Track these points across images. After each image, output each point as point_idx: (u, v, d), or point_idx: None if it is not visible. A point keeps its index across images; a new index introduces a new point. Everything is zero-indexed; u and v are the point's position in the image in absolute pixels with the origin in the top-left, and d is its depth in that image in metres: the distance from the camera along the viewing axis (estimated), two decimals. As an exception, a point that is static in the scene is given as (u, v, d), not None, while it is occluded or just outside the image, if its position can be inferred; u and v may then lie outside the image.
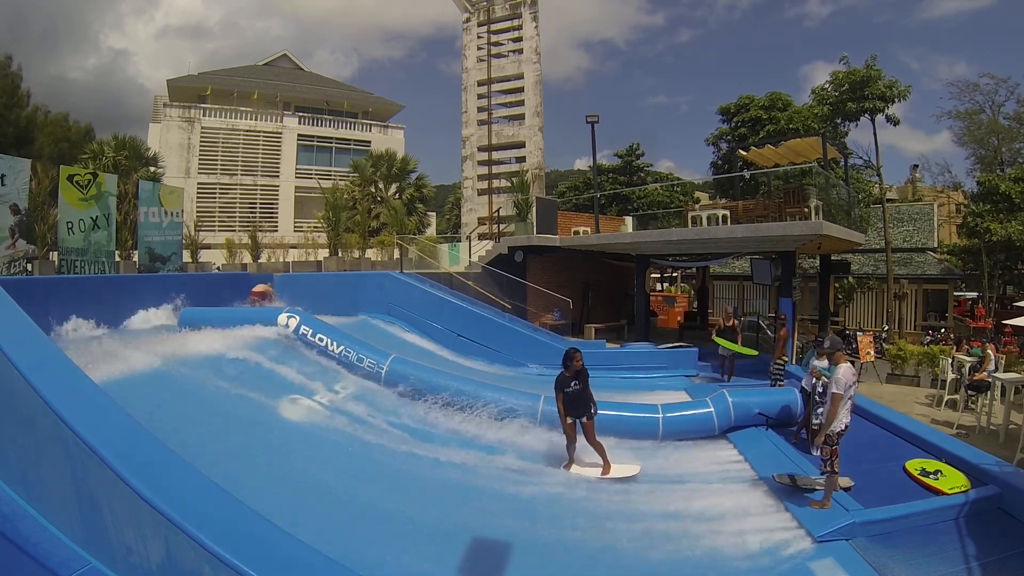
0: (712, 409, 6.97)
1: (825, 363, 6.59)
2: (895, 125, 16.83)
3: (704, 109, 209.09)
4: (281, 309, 8.84)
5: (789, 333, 9.30)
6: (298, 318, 8.50)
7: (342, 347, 8.16)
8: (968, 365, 9.81)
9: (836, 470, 4.84)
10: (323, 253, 18.77)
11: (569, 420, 5.85)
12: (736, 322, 9.42)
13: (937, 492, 5.11)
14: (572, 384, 5.82)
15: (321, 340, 8.28)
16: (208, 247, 20.64)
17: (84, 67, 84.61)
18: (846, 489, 5.12)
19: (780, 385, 8.52)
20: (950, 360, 10.45)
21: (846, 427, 5.01)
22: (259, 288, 10.76)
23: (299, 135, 29.43)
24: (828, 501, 4.84)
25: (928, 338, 15.00)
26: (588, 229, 15.23)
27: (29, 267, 10.29)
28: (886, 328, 16.55)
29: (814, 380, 6.32)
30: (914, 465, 5.60)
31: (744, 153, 14.57)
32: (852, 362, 11.97)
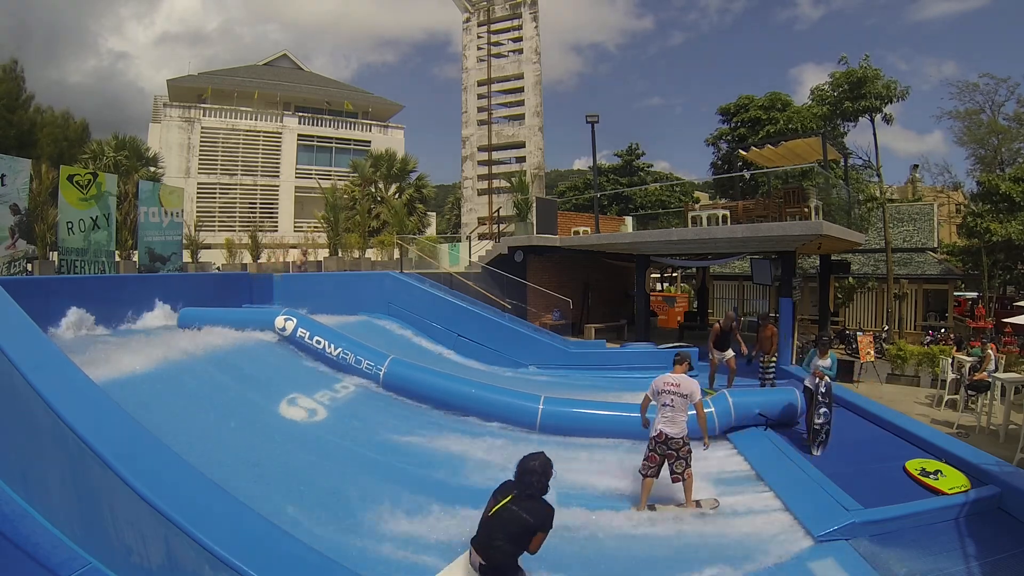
0: (712, 409, 6.96)
1: (828, 362, 6.59)
2: (889, 123, 16.81)
3: (699, 111, 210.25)
4: (279, 310, 8.83)
5: (779, 333, 9.24)
6: (295, 320, 8.48)
7: (339, 349, 8.15)
8: (968, 365, 9.81)
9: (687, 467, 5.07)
10: (323, 253, 18.78)
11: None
12: (735, 324, 9.11)
13: (937, 492, 5.10)
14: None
15: (319, 343, 8.27)
16: (208, 247, 20.65)
17: (84, 70, 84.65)
18: (713, 509, 5.11)
19: (771, 385, 8.54)
20: (950, 360, 10.46)
21: (659, 432, 5.15)
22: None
23: (299, 135, 29.44)
24: (690, 501, 5.10)
25: (928, 338, 15.00)
26: (588, 229, 15.23)
27: (29, 267, 10.28)
28: (886, 328, 16.54)
29: (816, 380, 6.31)
30: (914, 465, 5.60)
31: (744, 153, 14.57)
32: (852, 362, 12.00)
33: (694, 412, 5.28)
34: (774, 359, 8.86)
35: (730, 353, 8.86)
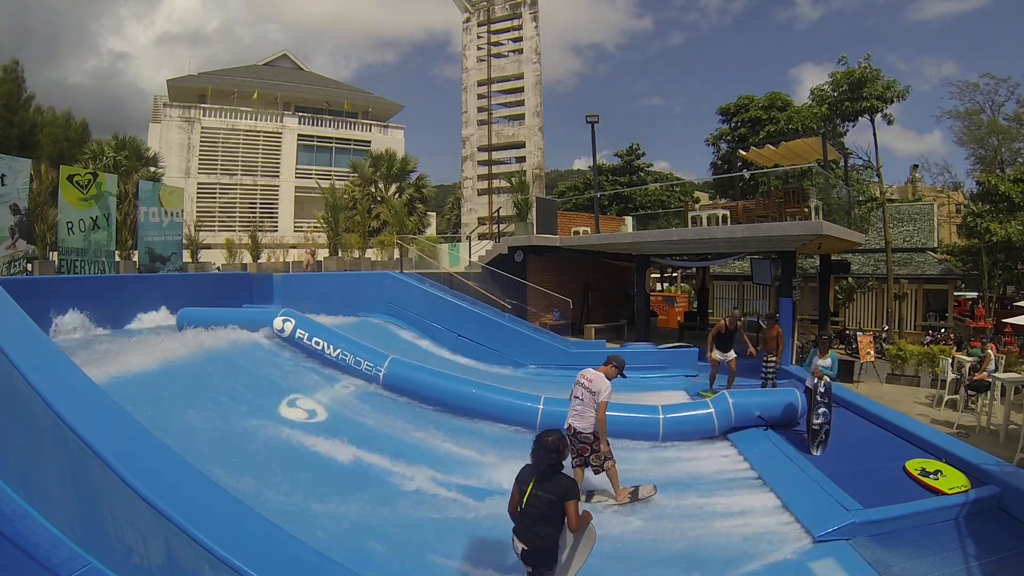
0: (712, 410, 6.97)
1: (828, 362, 6.58)
2: (890, 124, 16.82)
3: (698, 111, 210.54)
4: (278, 311, 8.82)
5: (785, 333, 9.12)
6: (294, 321, 8.45)
7: (339, 350, 8.13)
8: (968, 365, 9.81)
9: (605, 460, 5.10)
10: (323, 253, 18.78)
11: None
12: (740, 323, 8.77)
13: (937, 492, 5.10)
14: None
15: (318, 343, 8.25)
16: (208, 247, 20.66)
17: (84, 70, 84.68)
18: (648, 497, 5.18)
19: (772, 385, 8.49)
20: (950, 360, 10.46)
21: (569, 426, 5.17)
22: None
23: (299, 135, 29.45)
24: (620, 491, 5.13)
25: (928, 338, 15.00)
26: (588, 229, 15.23)
27: (29, 267, 10.29)
28: (886, 328, 16.54)
29: (815, 380, 6.31)
30: (914, 465, 5.59)
31: (744, 153, 14.57)
32: (852, 362, 11.99)
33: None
34: (774, 358, 8.78)
35: (732, 354, 8.67)
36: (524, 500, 3.20)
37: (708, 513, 5.06)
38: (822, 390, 6.20)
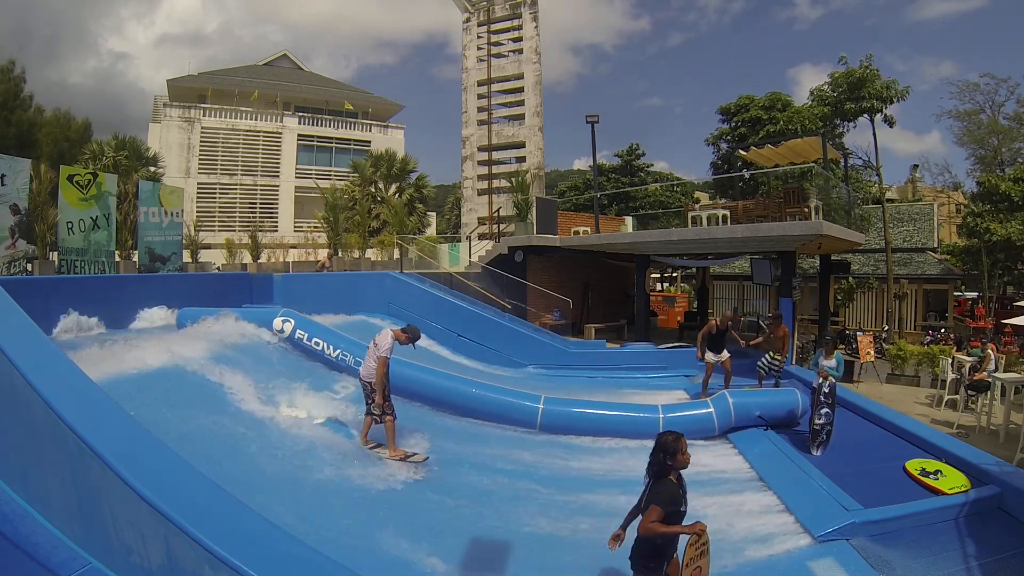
0: (712, 410, 6.97)
1: (833, 362, 6.58)
2: (891, 126, 16.85)
3: (698, 111, 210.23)
4: (277, 311, 8.81)
5: (789, 332, 9.03)
6: (293, 321, 8.44)
7: (339, 350, 8.14)
8: (968, 365, 9.81)
9: (384, 415, 5.68)
10: (323, 253, 18.79)
11: None
12: (731, 324, 8.56)
13: (937, 492, 5.10)
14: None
15: (317, 344, 8.25)
16: (208, 247, 20.67)
17: (84, 71, 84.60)
18: (423, 461, 5.60)
19: (776, 385, 8.47)
20: (950, 360, 10.46)
21: (368, 376, 5.75)
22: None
23: (299, 135, 29.45)
24: (395, 448, 5.63)
25: (928, 338, 15.01)
26: (588, 229, 15.23)
27: (29, 267, 10.28)
28: (886, 328, 16.55)
29: (820, 379, 6.31)
30: (914, 465, 5.59)
31: (744, 153, 14.58)
32: (852, 362, 11.98)
33: None
34: (780, 357, 8.73)
35: (725, 355, 8.54)
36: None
37: (708, 513, 5.05)
38: (826, 390, 6.20)
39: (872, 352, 11.65)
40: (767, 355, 8.40)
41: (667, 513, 3.02)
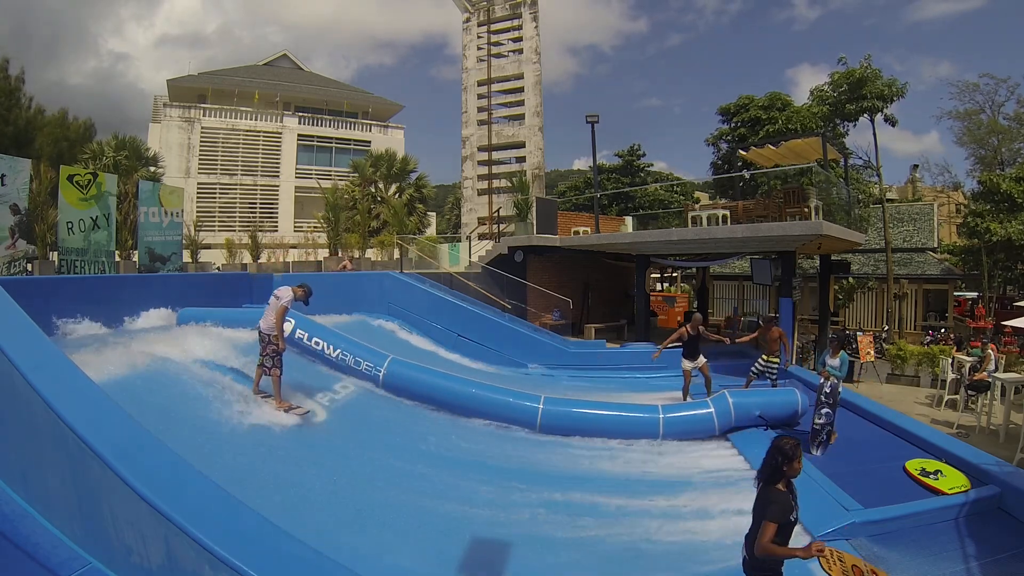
0: (712, 410, 6.97)
1: (836, 362, 6.59)
2: (893, 126, 16.86)
3: (697, 111, 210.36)
4: None
5: (785, 333, 8.98)
6: (293, 321, 8.42)
7: (339, 350, 8.13)
8: (968, 365, 9.81)
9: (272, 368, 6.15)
10: (323, 253, 18.79)
11: None
12: (704, 328, 8.39)
13: (937, 492, 5.10)
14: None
15: (317, 344, 8.25)
16: (208, 247, 20.65)
17: (84, 71, 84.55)
18: (304, 413, 6.17)
19: (773, 385, 8.45)
20: (950, 360, 10.46)
21: (258, 325, 6.31)
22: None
23: (299, 135, 29.44)
24: (280, 399, 6.11)
25: (928, 338, 15.01)
26: (588, 229, 15.22)
27: (29, 267, 10.28)
28: (886, 328, 16.55)
29: (822, 379, 6.31)
30: (914, 465, 5.60)
31: (744, 153, 14.57)
32: (852, 362, 11.99)
33: None
34: (776, 359, 8.74)
35: (702, 360, 8.40)
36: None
37: (707, 512, 5.06)
38: (827, 390, 6.20)
39: (872, 352, 11.65)
40: (761, 357, 8.44)
41: (781, 525, 2.92)
